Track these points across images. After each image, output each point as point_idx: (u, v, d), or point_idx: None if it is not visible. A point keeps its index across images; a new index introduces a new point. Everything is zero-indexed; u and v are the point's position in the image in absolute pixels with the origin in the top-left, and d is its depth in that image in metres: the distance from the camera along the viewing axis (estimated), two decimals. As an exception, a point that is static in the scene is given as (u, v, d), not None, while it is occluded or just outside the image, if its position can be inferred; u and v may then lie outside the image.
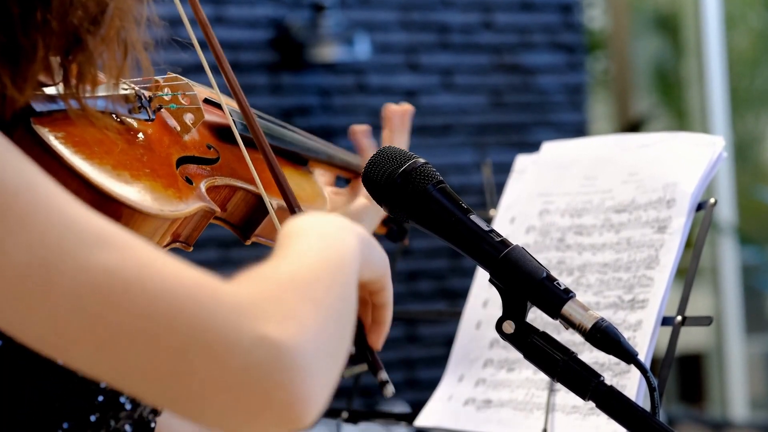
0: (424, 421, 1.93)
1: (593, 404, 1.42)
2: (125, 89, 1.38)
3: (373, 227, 1.88)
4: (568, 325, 1.42)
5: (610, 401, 1.41)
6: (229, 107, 1.57)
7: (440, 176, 1.48)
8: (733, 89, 7.37)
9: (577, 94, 6.21)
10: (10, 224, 1.04)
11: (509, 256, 1.43)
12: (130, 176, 1.30)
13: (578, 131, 6.12)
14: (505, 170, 2.13)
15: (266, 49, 5.56)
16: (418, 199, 1.46)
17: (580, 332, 1.41)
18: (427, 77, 5.90)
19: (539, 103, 6.11)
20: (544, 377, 1.82)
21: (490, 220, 2.04)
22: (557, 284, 1.42)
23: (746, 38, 8.90)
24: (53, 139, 1.24)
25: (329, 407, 2.08)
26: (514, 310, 1.43)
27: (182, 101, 1.48)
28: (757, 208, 7.86)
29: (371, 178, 1.49)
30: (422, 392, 2.16)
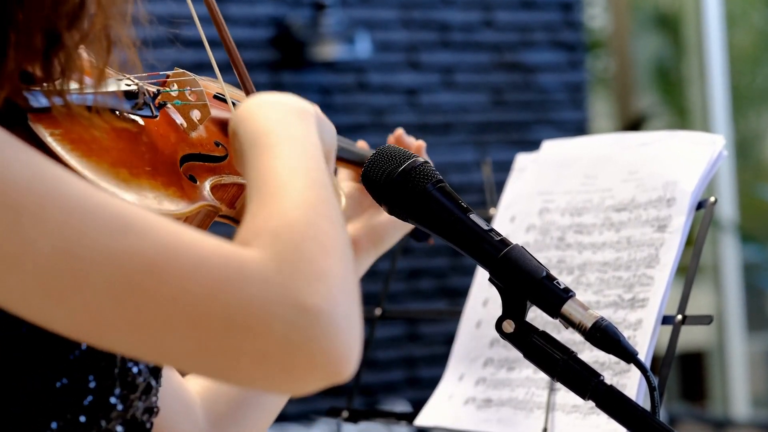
0: (424, 420, 1.92)
1: (593, 404, 1.42)
2: (128, 85, 1.37)
3: (395, 240, 1.86)
4: (567, 324, 1.42)
5: (609, 401, 1.41)
6: (238, 103, 1.55)
7: (440, 175, 1.48)
8: (734, 87, 7.37)
9: (577, 92, 6.21)
10: (27, 218, 1.05)
11: (509, 255, 1.43)
12: (129, 174, 1.29)
13: (579, 129, 6.12)
14: (505, 168, 2.12)
15: (267, 47, 5.56)
16: (417, 198, 1.46)
17: (579, 331, 1.41)
18: (427, 75, 5.90)
19: (540, 101, 6.11)
20: (544, 376, 1.82)
21: (490, 218, 2.03)
22: (557, 283, 1.42)
23: (747, 36, 8.89)
24: (49, 136, 1.24)
25: (330, 406, 2.09)
26: (513, 309, 1.43)
27: (189, 97, 1.47)
28: (758, 206, 7.86)
29: (370, 177, 1.49)
30: (423, 391, 2.16)
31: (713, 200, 1.83)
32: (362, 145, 1.85)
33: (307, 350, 1.08)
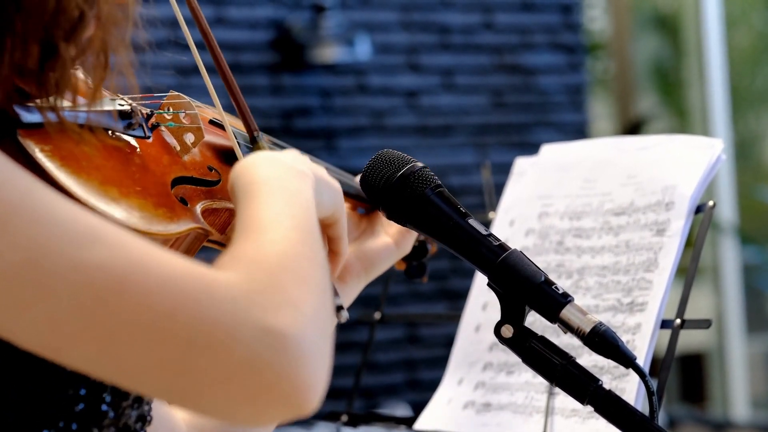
0: (423, 424, 1.93)
1: (592, 408, 1.42)
2: (122, 105, 1.37)
3: (387, 267, 1.86)
4: (566, 329, 1.42)
5: (608, 405, 1.41)
6: (235, 129, 1.55)
7: (438, 180, 1.48)
8: (733, 89, 7.37)
9: (577, 94, 6.21)
10: None
11: (507, 260, 1.43)
12: (118, 193, 1.28)
13: (579, 131, 6.12)
14: (505, 170, 2.13)
15: (267, 50, 5.56)
16: (416, 203, 1.46)
17: (578, 336, 1.41)
18: (427, 78, 5.90)
19: (540, 103, 6.11)
20: (543, 380, 1.82)
21: (489, 222, 2.04)
22: (555, 288, 1.42)
23: (747, 37, 8.89)
24: (38, 151, 1.23)
25: (329, 410, 2.09)
26: (512, 314, 1.44)
27: (183, 120, 1.47)
28: (757, 207, 7.85)
29: (369, 182, 1.49)
30: (424, 393, 2.16)
31: (712, 204, 1.83)
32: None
33: (269, 375, 1.05)
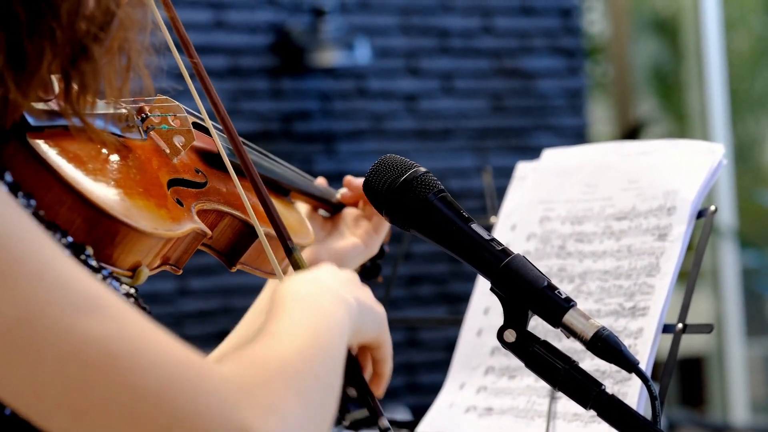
0: (425, 428, 1.93)
1: (594, 413, 1.42)
2: (119, 108, 1.39)
3: (356, 266, 1.89)
4: (569, 333, 1.42)
5: (611, 410, 1.41)
6: (218, 133, 1.57)
7: (441, 185, 1.48)
8: (733, 92, 7.38)
9: (577, 98, 6.21)
10: None
11: (510, 265, 1.43)
12: (125, 194, 1.29)
13: (578, 135, 6.12)
14: (505, 174, 2.13)
15: (267, 53, 5.56)
16: (418, 208, 1.46)
17: (581, 341, 1.42)
18: (427, 82, 5.90)
19: (539, 107, 6.11)
20: (545, 385, 1.82)
21: (490, 227, 2.04)
22: (558, 293, 1.43)
23: (746, 41, 8.90)
24: (50, 153, 1.24)
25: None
26: (515, 318, 1.44)
27: (172, 123, 1.49)
28: (757, 211, 7.86)
29: (372, 186, 1.49)
30: (423, 396, 2.16)
31: (713, 209, 1.83)
32: (320, 182, 1.89)
33: None
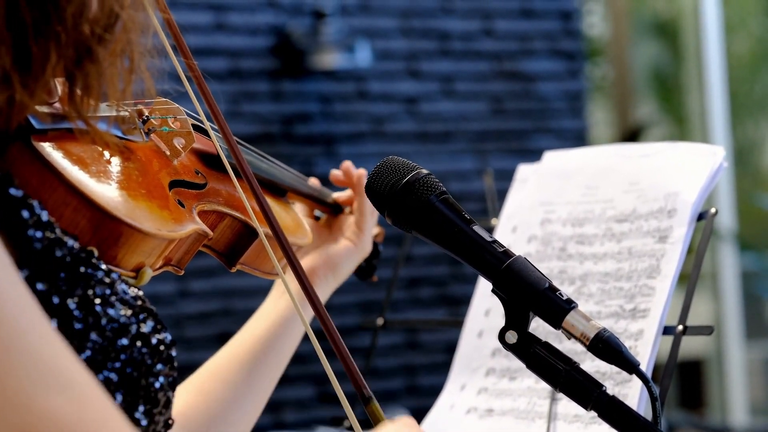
0: (426, 429, 1.93)
1: (595, 414, 1.43)
2: (118, 111, 1.39)
3: (353, 268, 1.90)
4: (570, 335, 1.43)
5: (611, 411, 1.42)
6: (215, 134, 1.58)
7: (443, 187, 1.49)
8: (732, 95, 7.38)
9: (577, 100, 6.22)
10: None
11: (512, 266, 1.44)
12: (128, 196, 1.30)
13: (578, 138, 6.13)
14: (505, 177, 2.14)
15: (267, 56, 5.56)
16: (420, 210, 1.47)
17: (582, 342, 1.42)
18: (427, 84, 5.90)
19: (539, 109, 6.12)
20: (546, 386, 1.83)
21: (491, 229, 2.04)
22: (559, 295, 1.43)
23: (746, 44, 8.90)
24: (54, 155, 1.25)
25: (331, 415, 2.09)
26: (516, 320, 1.44)
27: (172, 125, 1.49)
28: (757, 214, 7.86)
29: (374, 188, 1.50)
30: (423, 399, 2.17)
31: (714, 211, 1.84)
32: (314, 182, 1.90)
33: None
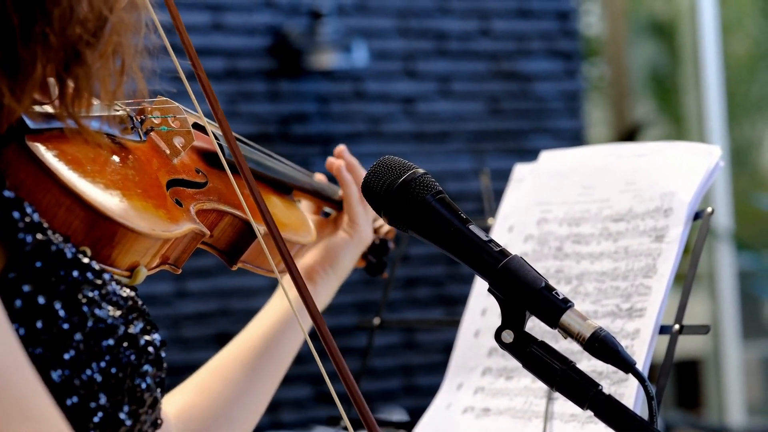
0: (422, 429, 1.93)
1: (592, 413, 1.43)
2: (117, 110, 1.39)
3: (354, 262, 1.89)
4: (566, 334, 1.43)
5: (608, 410, 1.42)
6: (216, 132, 1.58)
7: (439, 186, 1.49)
8: (730, 95, 7.38)
9: (574, 100, 6.22)
10: None
11: (508, 265, 1.44)
12: (122, 195, 1.30)
13: (575, 138, 6.13)
14: (502, 177, 2.14)
15: (264, 56, 5.56)
16: (417, 209, 1.47)
17: (578, 341, 1.42)
18: (424, 84, 5.90)
19: (537, 109, 6.12)
20: (542, 385, 1.83)
21: (488, 228, 2.04)
22: (556, 294, 1.43)
23: (743, 44, 8.91)
24: (48, 156, 1.25)
25: (328, 415, 2.09)
26: (513, 319, 1.44)
27: (172, 124, 1.50)
28: (754, 214, 7.86)
29: (370, 188, 1.50)
30: (420, 399, 2.17)
31: (710, 211, 1.84)
32: (320, 178, 1.89)
33: None
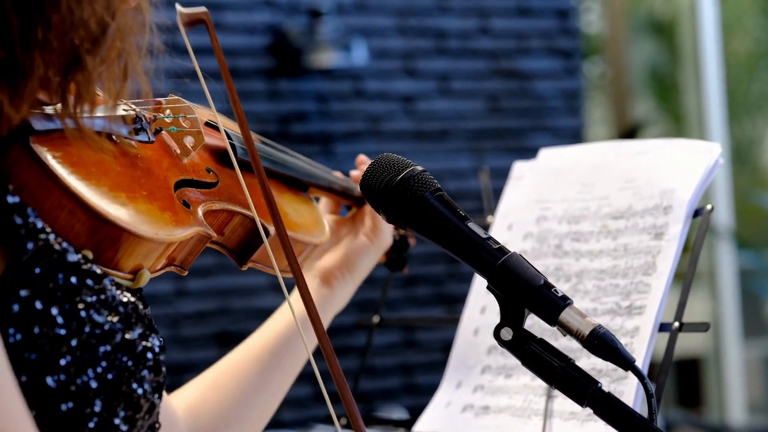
0: (422, 427, 1.93)
1: (591, 410, 1.43)
2: (126, 110, 1.38)
3: (372, 266, 1.89)
4: (565, 331, 1.43)
5: (607, 408, 1.41)
6: (229, 131, 1.57)
7: (438, 184, 1.49)
8: (730, 94, 7.38)
9: (574, 99, 6.21)
10: None
11: (507, 263, 1.43)
12: (126, 198, 1.30)
13: (575, 136, 6.13)
14: (502, 175, 2.13)
15: (264, 55, 5.56)
16: (415, 207, 1.46)
17: (577, 339, 1.42)
18: (424, 83, 5.90)
19: (536, 108, 6.11)
20: (541, 383, 1.82)
21: (487, 226, 2.04)
22: (555, 291, 1.43)
23: (743, 43, 8.91)
24: (51, 158, 1.25)
25: (327, 413, 2.09)
26: (512, 317, 1.44)
27: (183, 124, 1.48)
28: (754, 212, 7.86)
29: (369, 186, 1.50)
30: (420, 397, 2.17)
31: (710, 208, 1.84)
32: (339, 175, 1.88)
33: None
